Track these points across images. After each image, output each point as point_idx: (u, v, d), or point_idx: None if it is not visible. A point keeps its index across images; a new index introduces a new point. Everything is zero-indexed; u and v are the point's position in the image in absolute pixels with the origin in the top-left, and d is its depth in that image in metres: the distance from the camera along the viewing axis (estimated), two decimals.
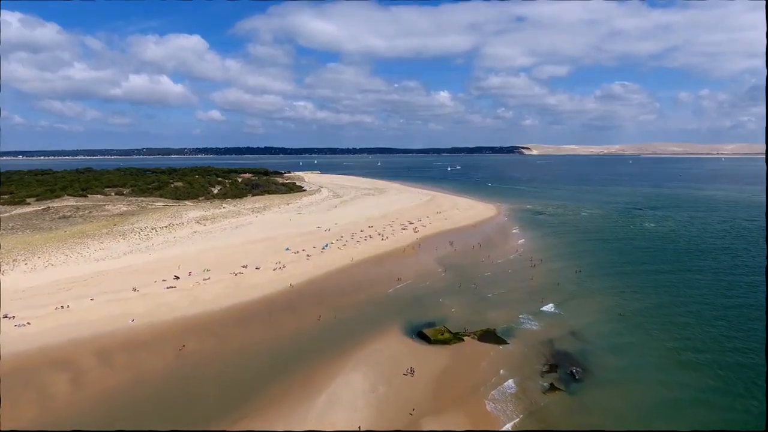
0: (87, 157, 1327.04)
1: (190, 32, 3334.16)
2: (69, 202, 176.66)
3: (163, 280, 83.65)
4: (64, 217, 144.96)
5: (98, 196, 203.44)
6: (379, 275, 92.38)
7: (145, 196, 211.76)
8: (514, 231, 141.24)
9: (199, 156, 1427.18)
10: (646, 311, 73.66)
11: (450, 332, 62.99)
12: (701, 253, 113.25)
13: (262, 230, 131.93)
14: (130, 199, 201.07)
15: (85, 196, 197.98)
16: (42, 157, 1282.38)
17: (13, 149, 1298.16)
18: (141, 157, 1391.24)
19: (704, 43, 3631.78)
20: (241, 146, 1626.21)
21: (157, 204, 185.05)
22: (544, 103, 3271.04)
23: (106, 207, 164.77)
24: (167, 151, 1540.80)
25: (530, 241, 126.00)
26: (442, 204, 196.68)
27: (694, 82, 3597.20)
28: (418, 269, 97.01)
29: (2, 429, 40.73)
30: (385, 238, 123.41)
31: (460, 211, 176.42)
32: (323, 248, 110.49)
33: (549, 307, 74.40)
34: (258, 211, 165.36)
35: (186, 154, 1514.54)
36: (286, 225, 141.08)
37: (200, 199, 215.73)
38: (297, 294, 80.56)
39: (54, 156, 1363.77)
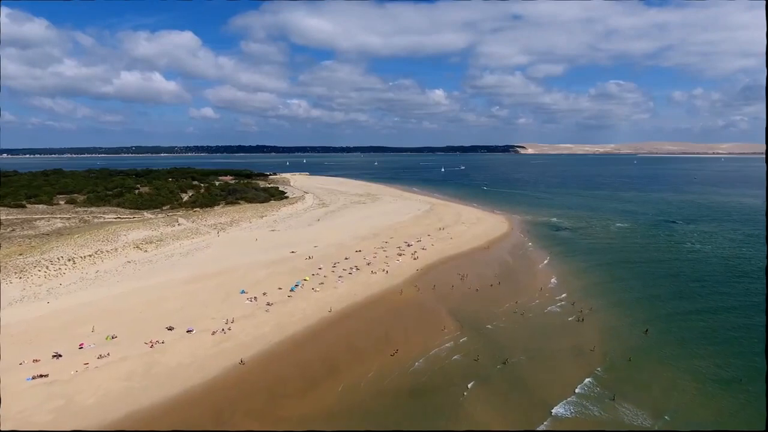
0: (73, 156, 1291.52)
1: (182, 29, 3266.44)
2: None
3: (35, 361, 54.83)
4: None
5: (41, 206, 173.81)
6: (367, 341, 64.08)
7: (98, 206, 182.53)
8: (537, 256, 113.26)
9: (189, 155, 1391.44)
10: None
11: None
12: None
13: (218, 258, 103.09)
14: (79, 209, 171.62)
15: (24, 206, 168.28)
16: (27, 156, 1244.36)
17: (5, 147, 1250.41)
18: (129, 155, 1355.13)
19: (699, 43, 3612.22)
20: (233, 144, 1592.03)
21: (106, 217, 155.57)
22: (539, 101, 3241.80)
23: (38, 222, 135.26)
24: (157, 150, 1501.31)
25: (562, 273, 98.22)
26: (443, 216, 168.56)
27: (688, 81, 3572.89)
28: (421, 327, 68.90)
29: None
30: (376, 270, 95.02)
31: (466, 225, 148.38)
32: (292, 289, 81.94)
33: (638, 418, 46.30)
34: (222, 228, 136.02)
35: (176, 152, 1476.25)
36: (252, 249, 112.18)
37: (164, 208, 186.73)
38: (237, 386, 51.95)
39: (40, 154, 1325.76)
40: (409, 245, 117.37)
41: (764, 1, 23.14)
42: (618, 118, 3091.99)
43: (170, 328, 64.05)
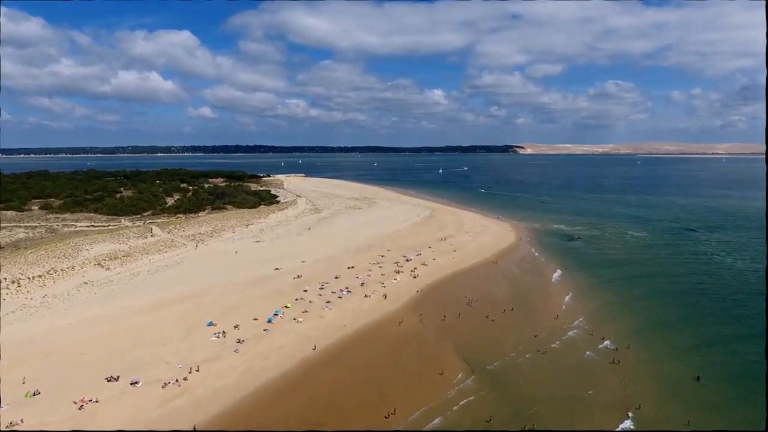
0: (68, 156, 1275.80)
1: (180, 28, 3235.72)
2: None
3: None
4: None
5: (10, 212, 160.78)
6: (357, 394, 51.62)
7: (74, 212, 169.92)
8: (551, 272, 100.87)
9: (187, 155, 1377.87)
10: None
11: None
12: None
13: (190, 277, 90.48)
14: (50, 216, 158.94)
15: None
16: (23, 156, 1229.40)
17: (1, 147, 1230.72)
18: (124, 155, 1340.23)
19: (697, 42, 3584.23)
20: (230, 144, 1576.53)
21: (78, 225, 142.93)
22: (537, 101, 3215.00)
23: None
24: (154, 149, 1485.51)
25: (581, 294, 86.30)
26: (445, 223, 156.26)
27: (686, 81, 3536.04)
28: (424, 373, 56.47)
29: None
30: (370, 293, 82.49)
31: (470, 235, 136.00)
32: (270, 320, 69.38)
33: None
34: (201, 240, 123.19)
35: (173, 152, 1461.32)
36: (231, 265, 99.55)
37: (145, 214, 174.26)
38: None
39: (36, 154, 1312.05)
40: (408, 260, 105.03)
41: (764, 1, 23.11)
42: (616, 118, 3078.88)
43: (111, 379, 51.48)
